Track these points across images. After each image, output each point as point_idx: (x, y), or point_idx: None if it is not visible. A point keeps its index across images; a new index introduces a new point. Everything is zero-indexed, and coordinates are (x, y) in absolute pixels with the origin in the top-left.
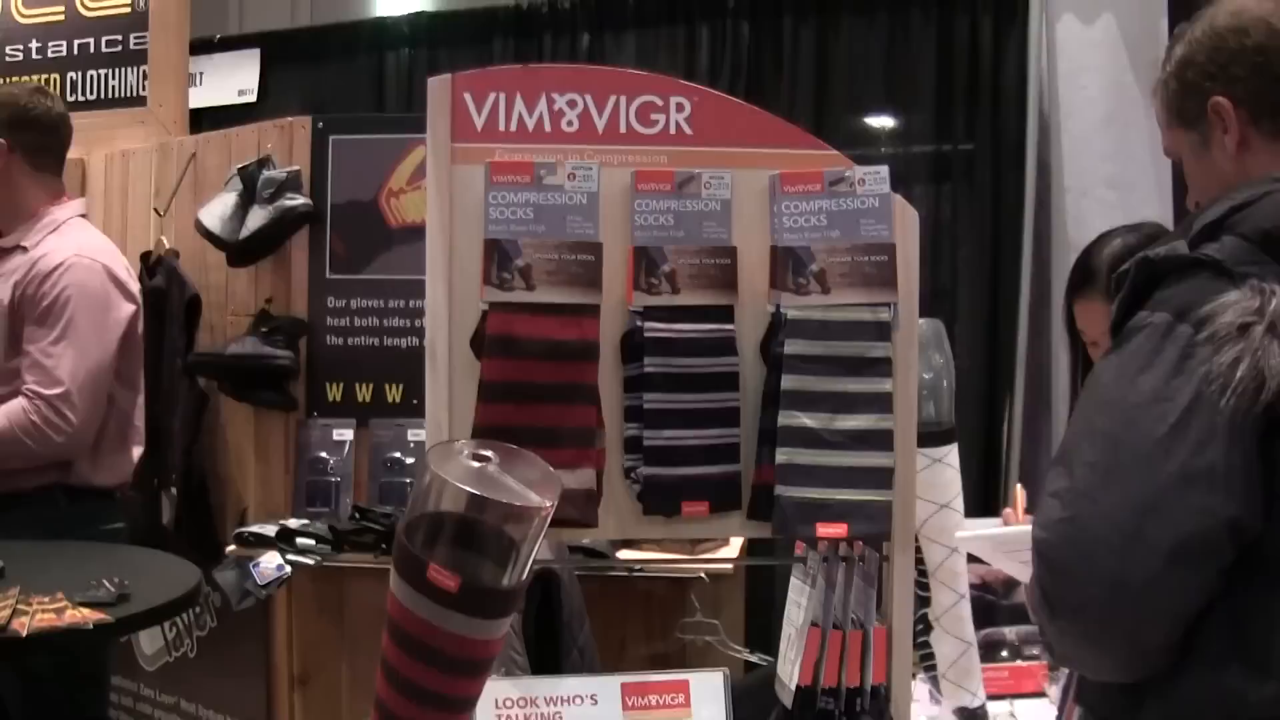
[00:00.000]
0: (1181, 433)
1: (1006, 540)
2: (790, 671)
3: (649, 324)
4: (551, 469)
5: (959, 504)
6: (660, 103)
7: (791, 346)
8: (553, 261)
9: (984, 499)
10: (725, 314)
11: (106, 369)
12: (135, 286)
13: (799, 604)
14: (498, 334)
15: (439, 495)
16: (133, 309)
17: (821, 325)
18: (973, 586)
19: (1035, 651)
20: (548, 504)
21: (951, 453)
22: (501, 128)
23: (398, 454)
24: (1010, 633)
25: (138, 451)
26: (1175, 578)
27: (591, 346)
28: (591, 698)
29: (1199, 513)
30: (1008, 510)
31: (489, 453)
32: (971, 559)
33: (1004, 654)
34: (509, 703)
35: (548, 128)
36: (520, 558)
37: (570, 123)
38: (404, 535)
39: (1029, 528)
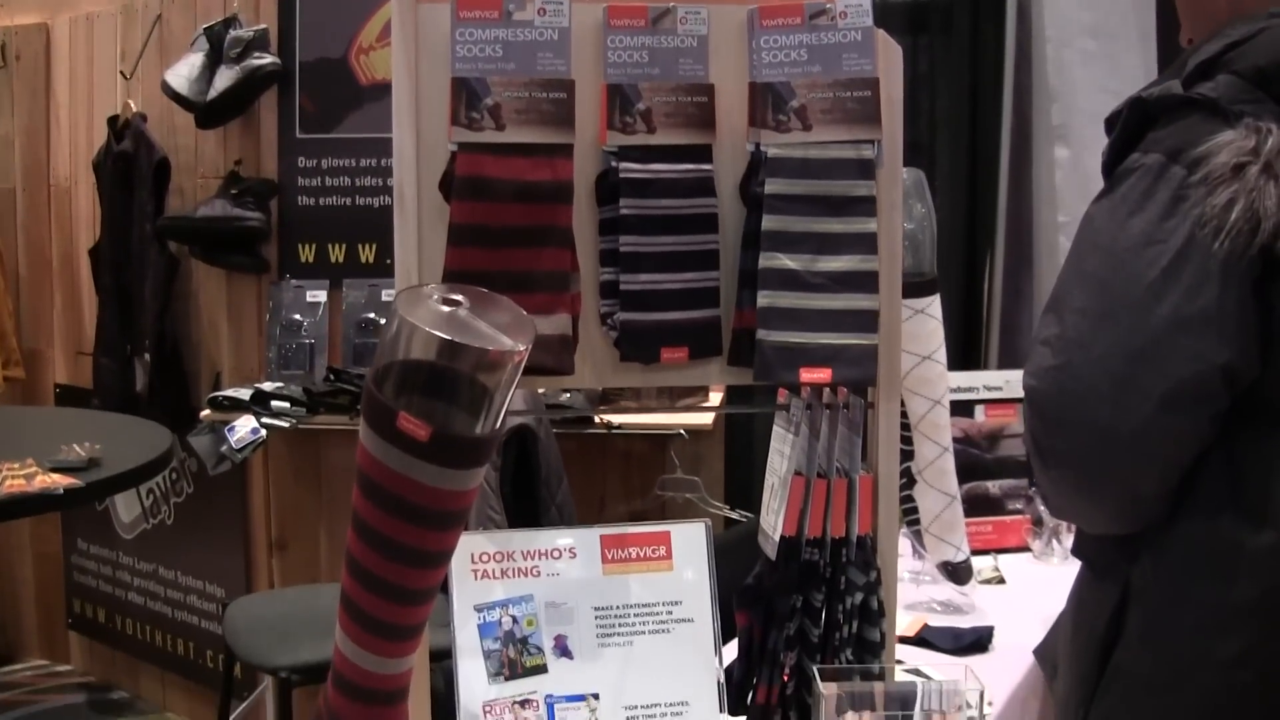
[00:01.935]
0: (1174, 277)
1: None
2: (774, 522)
3: (624, 164)
4: (525, 313)
5: (941, 356)
6: None
7: (772, 186)
8: (523, 100)
9: (964, 353)
10: (703, 153)
11: None
12: None
13: (782, 453)
14: (467, 175)
15: (408, 341)
16: None
17: (803, 163)
18: (956, 440)
19: (1019, 506)
20: (521, 348)
21: (934, 304)
22: None
23: (372, 315)
24: (994, 486)
25: None
26: (1167, 425)
27: (565, 187)
28: (570, 551)
29: (1191, 358)
30: None
31: (459, 297)
32: (955, 411)
33: (985, 509)
34: (485, 557)
35: None
36: (494, 405)
37: None
38: (373, 384)
39: None
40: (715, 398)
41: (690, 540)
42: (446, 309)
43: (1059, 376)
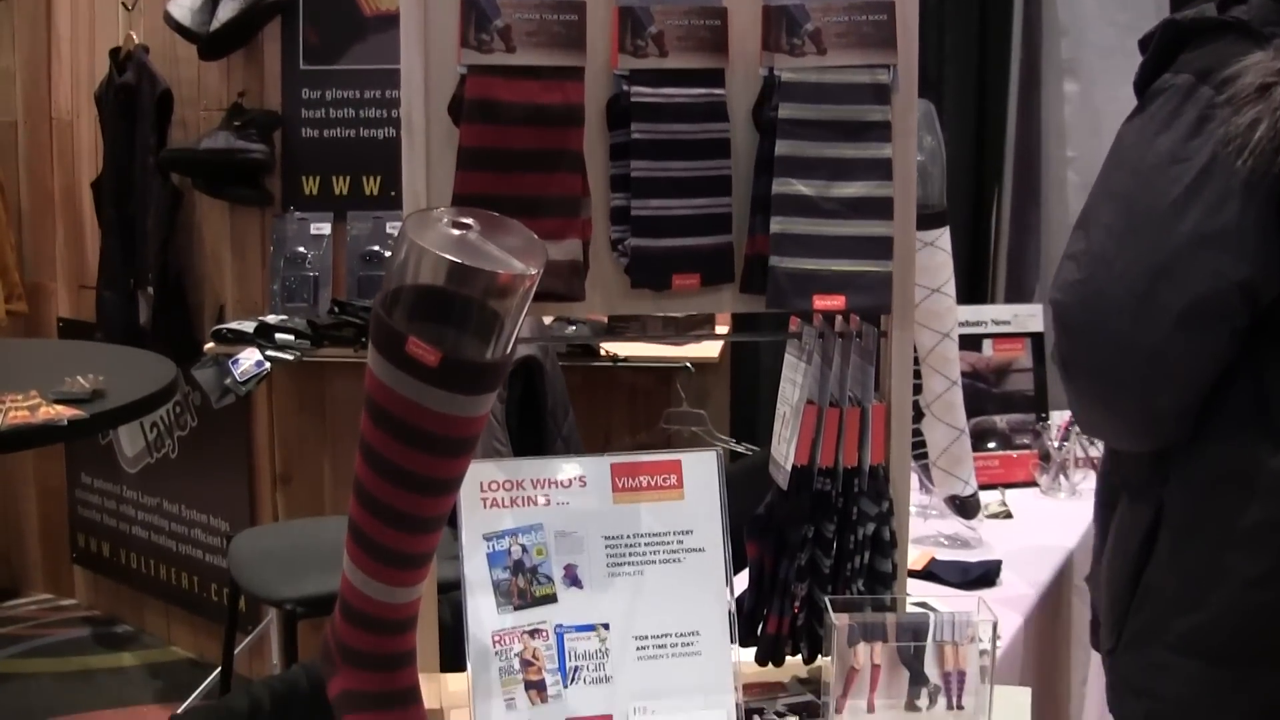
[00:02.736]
0: (1196, 194)
1: None
2: (785, 451)
3: (636, 88)
4: (536, 236)
5: (950, 288)
6: None
7: (785, 110)
8: (533, 22)
9: (972, 286)
10: (715, 78)
11: None
12: None
13: (794, 381)
14: (477, 99)
15: (417, 265)
16: None
17: (817, 88)
18: (963, 374)
19: (1026, 440)
20: (533, 272)
21: (943, 236)
22: None
23: (376, 247)
24: (1001, 421)
25: None
26: (1186, 340)
27: (576, 111)
28: (580, 480)
29: (1211, 275)
30: None
31: (470, 220)
32: (963, 345)
33: (992, 444)
34: (494, 486)
35: None
36: (504, 330)
37: None
38: (381, 309)
39: None
40: (721, 333)
41: (701, 469)
42: (456, 232)
43: (1083, 290)
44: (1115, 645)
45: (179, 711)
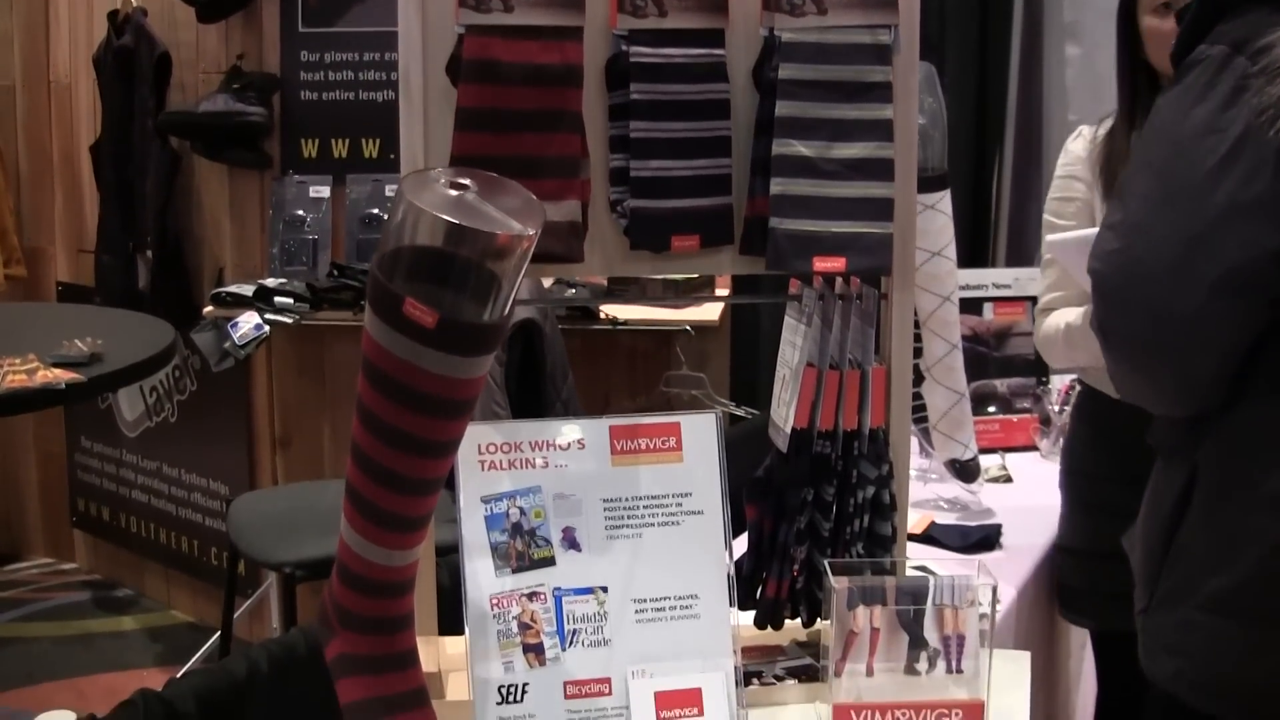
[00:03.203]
0: (1230, 165)
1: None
2: (785, 414)
3: (635, 48)
4: (534, 197)
5: (951, 252)
6: None
7: (786, 71)
8: None
9: (972, 250)
10: (715, 38)
11: None
12: None
13: (794, 344)
14: (475, 59)
15: (414, 226)
16: None
17: (818, 48)
18: (964, 338)
19: (1026, 404)
20: (530, 233)
21: (944, 199)
22: None
23: (375, 210)
24: (1001, 385)
25: None
26: (1221, 309)
27: (575, 71)
28: (579, 442)
29: (1245, 244)
30: None
31: (467, 181)
32: (963, 309)
33: (992, 408)
34: (492, 448)
35: None
36: (502, 291)
37: None
38: (378, 270)
39: None
40: (723, 298)
41: (700, 431)
42: (454, 193)
43: (1120, 260)
44: (1148, 604)
45: (177, 675)
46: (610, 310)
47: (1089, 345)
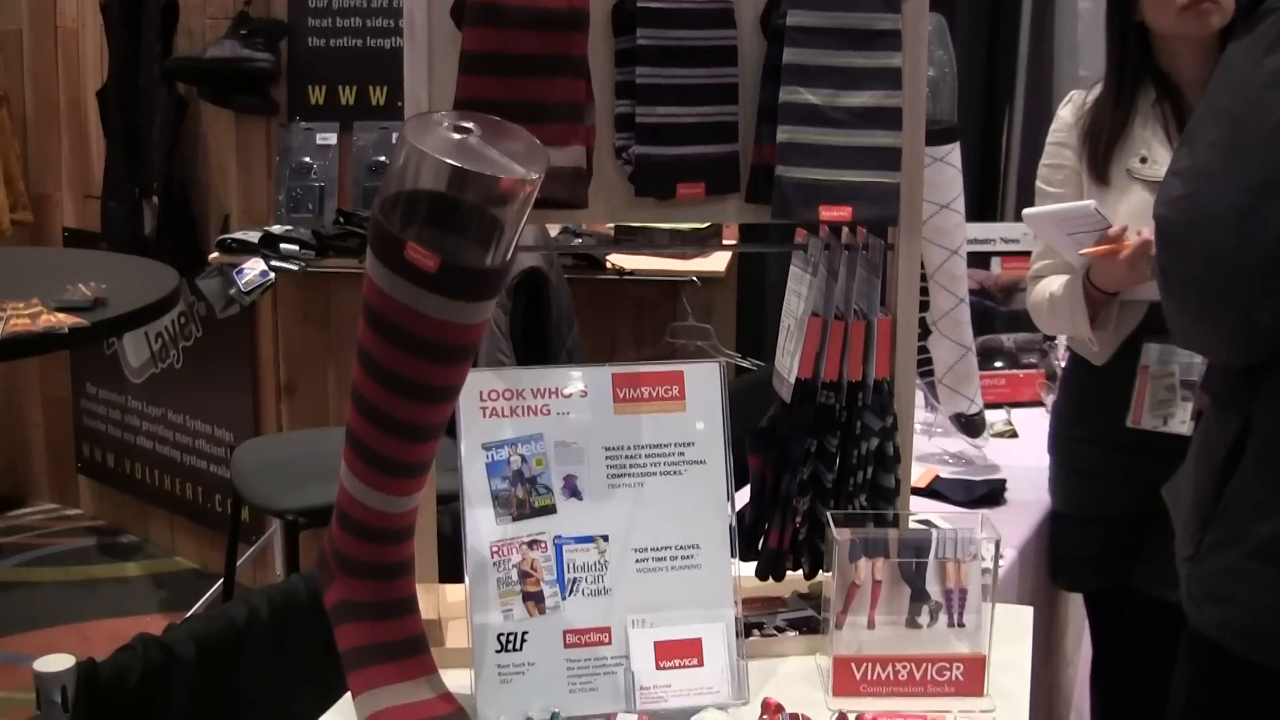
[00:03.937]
0: None
1: (1069, 215)
2: (789, 364)
3: None
4: (537, 142)
5: (960, 205)
6: None
7: (794, 18)
8: None
9: (981, 204)
10: None
11: None
12: None
13: (799, 293)
14: (480, 1)
15: (417, 170)
16: None
17: None
18: (971, 292)
19: (1033, 360)
20: (534, 177)
21: (954, 152)
22: None
23: (382, 158)
24: (1008, 340)
25: None
26: None
27: (580, 15)
28: (581, 390)
29: None
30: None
31: (470, 124)
32: (971, 263)
33: (999, 363)
34: (494, 395)
35: None
36: (504, 236)
37: None
38: (380, 213)
39: (1092, 202)
40: (729, 246)
41: (703, 380)
42: (457, 136)
43: (1186, 206)
44: (1195, 551)
45: (179, 621)
46: (616, 260)
47: (1069, 315)
